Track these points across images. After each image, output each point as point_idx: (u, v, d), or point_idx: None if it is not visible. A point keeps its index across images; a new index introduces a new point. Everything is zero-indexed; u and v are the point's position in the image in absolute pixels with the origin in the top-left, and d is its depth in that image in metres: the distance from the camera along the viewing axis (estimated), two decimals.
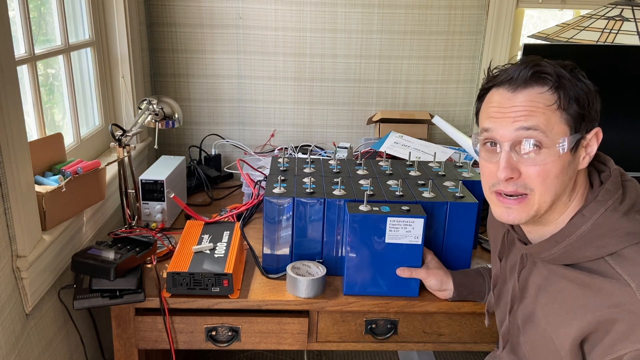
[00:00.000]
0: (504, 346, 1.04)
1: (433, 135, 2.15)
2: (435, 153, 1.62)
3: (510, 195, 0.90)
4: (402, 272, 1.25)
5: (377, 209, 1.24)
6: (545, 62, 0.88)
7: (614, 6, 1.79)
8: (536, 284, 0.96)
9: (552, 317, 0.90)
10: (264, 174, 1.73)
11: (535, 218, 0.91)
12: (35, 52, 1.33)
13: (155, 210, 1.54)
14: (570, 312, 0.86)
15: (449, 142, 2.06)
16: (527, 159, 0.87)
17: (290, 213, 1.30)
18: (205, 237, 1.38)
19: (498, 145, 0.90)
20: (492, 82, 0.92)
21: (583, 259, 0.87)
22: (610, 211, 0.86)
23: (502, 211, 0.92)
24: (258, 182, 1.65)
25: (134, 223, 1.52)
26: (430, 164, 1.57)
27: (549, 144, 0.86)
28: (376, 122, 2.04)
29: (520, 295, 1.00)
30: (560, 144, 0.86)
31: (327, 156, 1.91)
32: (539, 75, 0.87)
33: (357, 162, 1.56)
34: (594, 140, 0.90)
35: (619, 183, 0.89)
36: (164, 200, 1.54)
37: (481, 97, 0.95)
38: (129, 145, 1.45)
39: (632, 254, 0.83)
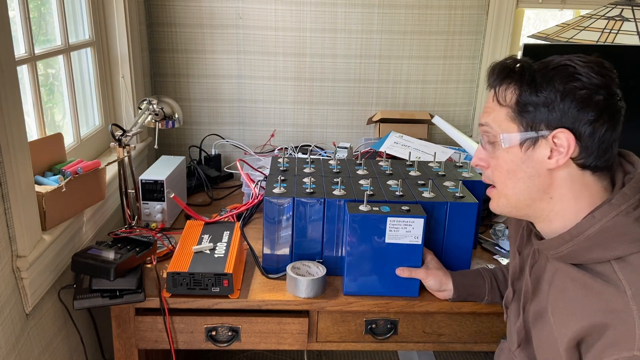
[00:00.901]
0: (519, 343, 1.04)
1: (433, 135, 2.15)
2: (435, 153, 1.62)
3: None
4: (402, 272, 1.25)
5: (377, 209, 1.24)
6: (510, 60, 0.92)
7: (614, 6, 1.79)
8: (548, 281, 0.97)
9: (557, 316, 0.90)
10: (264, 174, 1.73)
11: (513, 213, 0.97)
12: (35, 52, 1.33)
13: (155, 210, 1.54)
14: (572, 313, 0.86)
15: (449, 142, 2.06)
16: (488, 152, 0.95)
17: (290, 213, 1.30)
18: (205, 237, 1.38)
19: None
20: None
21: (589, 260, 0.87)
22: (621, 216, 0.85)
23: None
24: (258, 182, 1.65)
25: (134, 223, 1.52)
26: (430, 164, 1.57)
27: (496, 140, 0.92)
28: (376, 122, 2.04)
29: (533, 291, 1.00)
30: (501, 140, 0.91)
31: (327, 156, 1.91)
32: (497, 74, 0.92)
33: (357, 162, 1.56)
34: (565, 142, 0.86)
35: (638, 187, 0.87)
36: (164, 200, 1.54)
37: None
38: (129, 145, 1.45)
39: (637, 260, 0.82)
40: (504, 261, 1.45)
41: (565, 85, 0.85)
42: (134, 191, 1.53)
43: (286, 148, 2.06)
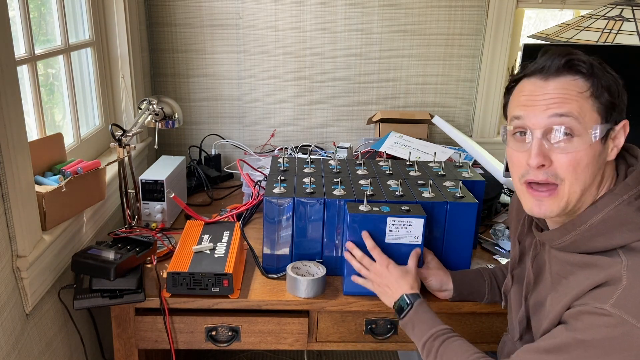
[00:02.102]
0: (520, 334, 1.04)
1: (433, 135, 2.15)
2: (435, 153, 1.62)
3: (542, 186, 0.89)
4: None
5: (377, 209, 1.24)
6: (578, 52, 0.89)
7: (614, 6, 1.79)
8: (547, 269, 0.98)
9: (555, 298, 0.91)
10: (264, 174, 1.73)
11: (565, 210, 0.90)
12: (35, 52, 1.33)
13: (155, 210, 1.54)
14: (570, 290, 0.88)
15: (449, 142, 2.06)
16: (558, 147, 0.87)
17: (290, 213, 1.30)
18: (205, 237, 1.38)
19: (528, 134, 0.89)
20: (523, 72, 0.93)
21: (593, 249, 0.88)
22: (623, 205, 0.87)
23: (532, 204, 0.91)
24: (258, 182, 1.65)
25: (134, 223, 1.52)
26: (430, 164, 1.57)
27: (581, 132, 0.86)
28: (376, 122, 2.04)
29: (535, 281, 1.01)
30: (593, 132, 0.86)
31: (327, 156, 1.91)
32: (572, 63, 0.87)
33: (357, 162, 1.56)
34: (621, 132, 0.90)
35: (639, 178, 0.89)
36: (164, 200, 1.54)
37: (510, 89, 0.96)
38: (129, 145, 1.45)
39: None
40: (504, 261, 1.44)
41: (621, 79, 0.89)
42: (134, 191, 1.53)
43: (286, 148, 2.06)
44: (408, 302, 1.12)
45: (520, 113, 0.90)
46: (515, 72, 0.96)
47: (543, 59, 0.89)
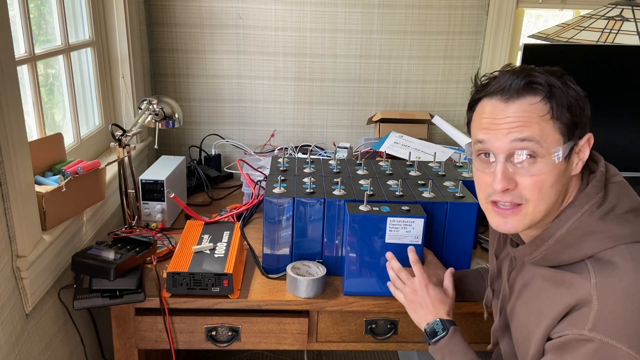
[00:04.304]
0: (494, 343, 1.06)
1: (433, 135, 2.15)
2: (435, 153, 1.62)
3: (506, 204, 0.90)
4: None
5: (377, 209, 1.24)
6: (537, 72, 0.88)
7: (614, 6, 1.79)
8: (522, 283, 0.98)
9: (532, 315, 0.92)
10: (264, 174, 1.73)
11: (531, 226, 0.91)
12: (35, 52, 1.33)
13: (155, 210, 1.54)
14: (546, 310, 0.88)
15: (449, 142, 2.06)
16: (522, 169, 0.87)
17: (290, 213, 1.30)
18: (205, 237, 1.38)
19: (492, 156, 0.90)
20: (483, 92, 0.92)
21: (563, 261, 0.89)
22: (585, 215, 0.87)
23: (498, 221, 0.92)
24: (258, 182, 1.65)
25: (134, 223, 1.52)
26: (430, 164, 1.57)
27: (544, 154, 0.86)
28: (376, 122, 2.04)
29: (509, 294, 1.02)
30: (555, 154, 0.86)
31: (327, 156, 1.91)
32: (531, 86, 0.87)
33: (357, 162, 1.56)
34: (585, 146, 0.90)
35: (601, 186, 0.89)
36: (164, 200, 1.54)
37: (472, 107, 0.95)
38: (129, 145, 1.45)
39: (607, 256, 0.84)
40: None
41: (583, 91, 0.88)
42: (134, 191, 1.53)
43: (286, 148, 2.06)
44: (443, 328, 1.07)
45: (483, 137, 0.90)
46: (479, 82, 0.95)
47: (503, 78, 0.89)
